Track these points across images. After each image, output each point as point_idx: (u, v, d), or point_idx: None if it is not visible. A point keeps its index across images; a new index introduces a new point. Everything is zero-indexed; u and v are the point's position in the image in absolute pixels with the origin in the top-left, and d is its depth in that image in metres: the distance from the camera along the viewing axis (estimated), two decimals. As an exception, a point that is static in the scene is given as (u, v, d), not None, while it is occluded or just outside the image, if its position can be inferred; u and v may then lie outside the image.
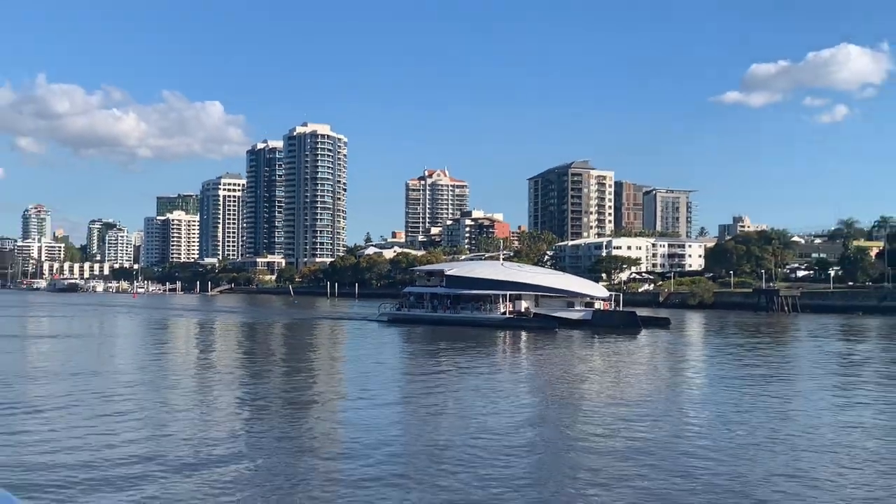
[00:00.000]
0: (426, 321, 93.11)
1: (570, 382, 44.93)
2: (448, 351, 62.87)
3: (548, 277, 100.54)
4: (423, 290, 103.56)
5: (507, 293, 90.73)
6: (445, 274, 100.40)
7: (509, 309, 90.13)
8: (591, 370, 51.81)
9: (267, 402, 36.34)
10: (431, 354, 61.39)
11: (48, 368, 48.98)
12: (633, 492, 20.10)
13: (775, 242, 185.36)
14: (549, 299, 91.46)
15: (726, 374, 47.87)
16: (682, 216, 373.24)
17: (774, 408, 34.24)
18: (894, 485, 21.15)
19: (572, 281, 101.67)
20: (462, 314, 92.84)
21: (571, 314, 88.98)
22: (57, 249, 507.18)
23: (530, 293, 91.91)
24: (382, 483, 20.68)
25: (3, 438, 25.84)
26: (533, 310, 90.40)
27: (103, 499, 18.87)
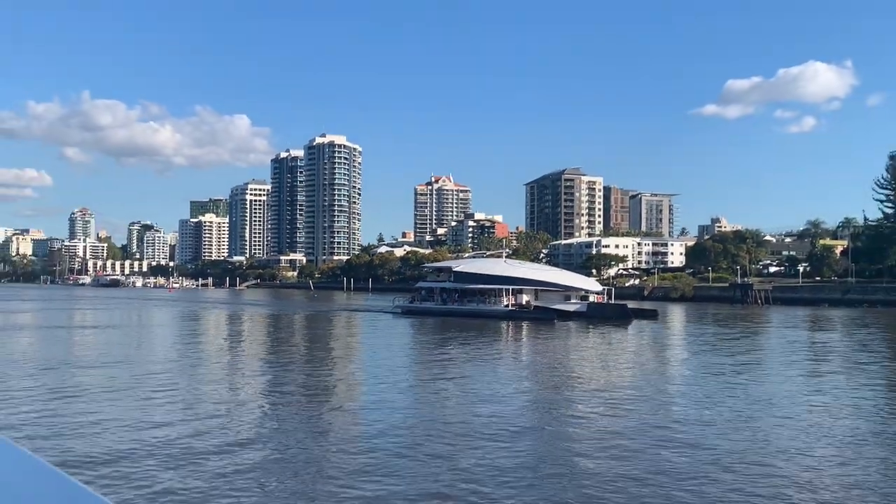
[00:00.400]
0: (436, 313, 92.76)
1: (569, 367, 44.69)
2: (457, 339, 62.70)
3: (546, 273, 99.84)
4: (433, 284, 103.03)
5: (510, 287, 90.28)
6: (453, 270, 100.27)
7: (512, 302, 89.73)
8: (588, 356, 51.65)
9: (293, 385, 36.33)
10: (442, 342, 61.04)
11: (92, 356, 49.05)
12: (631, 464, 20.16)
13: (749, 241, 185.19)
14: (548, 293, 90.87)
15: (711, 359, 47.73)
16: (665, 217, 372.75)
17: (756, 390, 34.09)
18: (861, 458, 21.19)
19: (568, 276, 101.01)
20: (469, 306, 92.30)
21: (568, 307, 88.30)
22: (100, 249, 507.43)
23: (530, 287, 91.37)
24: (397, 456, 20.76)
25: (49, 419, 26.00)
26: (533, 303, 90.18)
27: (139, 474, 18.95)
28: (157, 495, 16.88)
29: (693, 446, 22.11)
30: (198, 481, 18.06)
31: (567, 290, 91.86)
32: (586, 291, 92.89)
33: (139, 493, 16.98)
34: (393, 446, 22.14)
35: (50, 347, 54.71)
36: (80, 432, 23.64)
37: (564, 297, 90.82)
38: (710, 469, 19.43)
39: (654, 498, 16.90)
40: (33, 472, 2.26)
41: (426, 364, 45.01)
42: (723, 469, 19.43)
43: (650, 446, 22.01)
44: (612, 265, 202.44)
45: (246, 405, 30.15)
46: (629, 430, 24.55)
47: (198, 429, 24.53)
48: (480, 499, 16.80)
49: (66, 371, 39.69)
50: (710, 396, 31.88)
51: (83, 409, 27.79)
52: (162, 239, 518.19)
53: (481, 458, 20.60)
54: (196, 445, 22.03)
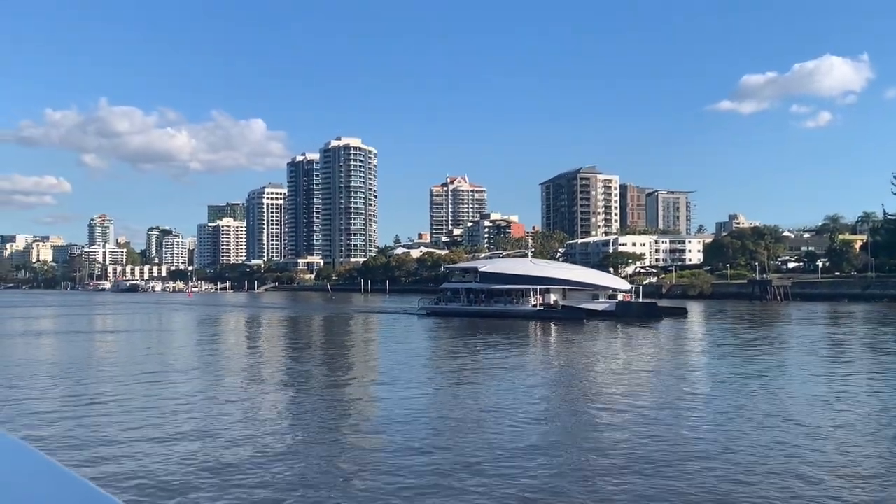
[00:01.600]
0: (462, 314, 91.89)
1: (604, 370, 42.79)
2: (486, 341, 61.17)
3: (574, 272, 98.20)
4: (459, 285, 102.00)
5: (537, 287, 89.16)
6: (479, 270, 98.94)
7: (539, 302, 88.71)
8: (620, 357, 49.92)
9: (323, 390, 36.25)
10: (470, 344, 59.33)
11: (114, 360, 49.68)
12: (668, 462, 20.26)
13: (767, 237, 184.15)
14: (575, 292, 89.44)
15: (751, 360, 45.72)
16: (682, 215, 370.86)
17: (801, 392, 33.41)
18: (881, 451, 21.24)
19: (596, 275, 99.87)
20: (495, 307, 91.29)
21: (596, 306, 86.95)
22: (119, 254, 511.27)
23: (558, 287, 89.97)
24: (419, 452, 21.00)
25: (71, 422, 26.44)
26: (560, 302, 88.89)
27: (162, 470, 19.31)
28: (175, 494, 17.24)
29: (753, 475, 21.29)
30: (219, 490, 18.40)
31: (595, 289, 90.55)
32: (614, 290, 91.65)
33: (161, 496, 17.33)
34: (422, 466, 22.34)
35: (72, 352, 55.37)
36: (102, 437, 24.06)
37: (592, 296, 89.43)
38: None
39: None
40: (48, 474, 2.24)
41: (455, 368, 43.42)
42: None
43: (694, 458, 20.99)
44: (629, 263, 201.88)
45: (268, 404, 30.50)
46: (678, 440, 23.24)
47: (211, 429, 24.90)
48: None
49: (89, 376, 40.26)
50: (756, 404, 29.37)
51: (105, 415, 28.23)
52: (180, 244, 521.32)
53: (524, 474, 20.77)
54: (207, 446, 22.41)
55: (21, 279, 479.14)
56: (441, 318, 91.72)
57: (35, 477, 2.25)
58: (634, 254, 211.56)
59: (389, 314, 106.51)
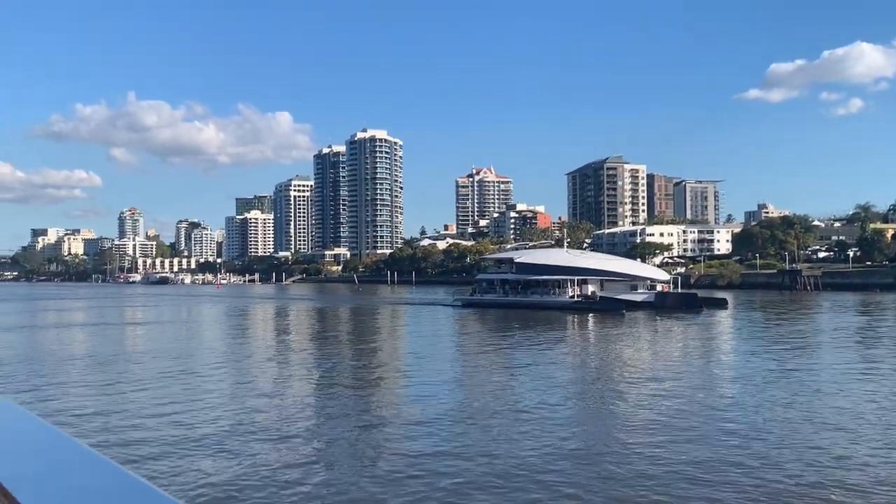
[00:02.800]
0: (498, 305, 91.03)
1: (650, 364, 41.02)
2: (524, 333, 59.14)
3: (611, 262, 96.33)
4: (494, 276, 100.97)
5: (575, 278, 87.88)
6: (515, 261, 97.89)
7: (577, 293, 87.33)
8: (665, 349, 47.82)
9: (358, 380, 36.45)
10: (507, 337, 57.48)
11: (147, 351, 50.30)
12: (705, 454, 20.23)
13: (797, 227, 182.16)
14: (614, 283, 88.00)
15: (800, 354, 44.28)
16: (710, 204, 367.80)
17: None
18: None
19: (634, 265, 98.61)
20: (532, 298, 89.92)
21: (635, 296, 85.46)
22: (149, 247, 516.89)
23: (595, 278, 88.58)
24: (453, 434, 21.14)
25: (104, 410, 26.91)
26: (598, 293, 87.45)
27: (193, 462, 19.58)
28: (210, 487, 17.53)
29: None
30: (252, 478, 18.69)
31: (633, 280, 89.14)
32: (653, 280, 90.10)
33: (195, 486, 17.63)
34: (452, 468, 22.42)
35: (105, 344, 56.25)
36: (138, 425, 24.49)
37: (630, 286, 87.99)
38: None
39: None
40: (98, 468, 2.22)
41: (492, 363, 41.86)
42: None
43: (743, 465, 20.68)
44: (657, 254, 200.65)
45: (303, 395, 30.81)
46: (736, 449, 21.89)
47: (243, 420, 25.25)
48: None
49: (124, 366, 40.94)
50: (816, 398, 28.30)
51: (132, 400, 28.72)
52: (209, 236, 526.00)
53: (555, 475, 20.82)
54: (237, 437, 22.73)
55: (53, 272, 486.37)
56: (477, 309, 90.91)
57: (92, 474, 2.21)
58: (662, 244, 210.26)
59: (424, 305, 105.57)
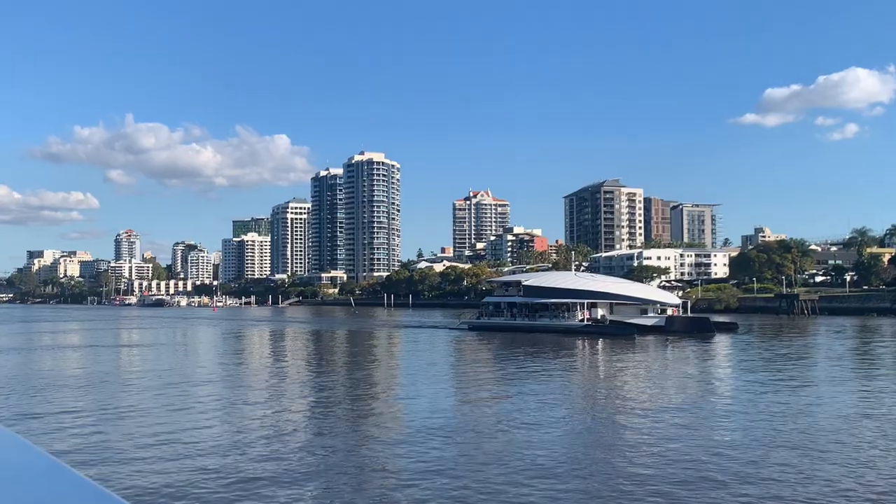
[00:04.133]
0: (505, 329, 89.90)
1: (665, 391, 39.38)
2: (532, 358, 57.76)
3: (621, 286, 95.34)
4: (501, 299, 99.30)
5: (584, 301, 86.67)
6: (523, 284, 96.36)
7: (586, 316, 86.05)
8: (682, 378, 45.76)
9: (362, 406, 36.44)
10: (515, 362, 55.32)
11: (141, 373, 50.14)
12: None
13: (794, 251, 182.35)
14: (623, 306, 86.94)
15: (812, 377, 44.60)
16: (707, 228, 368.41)
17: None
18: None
19: (645, 289, 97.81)
20: (540, 322, 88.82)
21: (645, 320, 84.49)
22: (145, 269, 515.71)
23: (605, 301, 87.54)
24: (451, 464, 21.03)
25: (100, 433, 26.77)
26: (608, 317, 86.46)
27: (190, 483, 19.49)
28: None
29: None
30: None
31: (643, 303, 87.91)
32: (663, 304, 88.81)
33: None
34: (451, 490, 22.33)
35: (99, 366, 56.01)
36: (131, 449, 24.34)
37: (640, 310, 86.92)
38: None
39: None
40: (51, 473, 2.27)
41: (498, 392, 39.67)
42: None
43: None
44: (654, 277, 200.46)
45: (296, 420, 30.68)
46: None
47: (240, 440, 25.11)
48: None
49: (117, 389, 40.77)
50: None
51: (129, 426, 28.57)
52: (206, 258, 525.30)
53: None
54: (234, 458, 22.60)
55: (49, 294, 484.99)
56: (483, 332, 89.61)
57: (40, 476, 2.26)
58: (659, 267, 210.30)
59: (427, 329, 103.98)
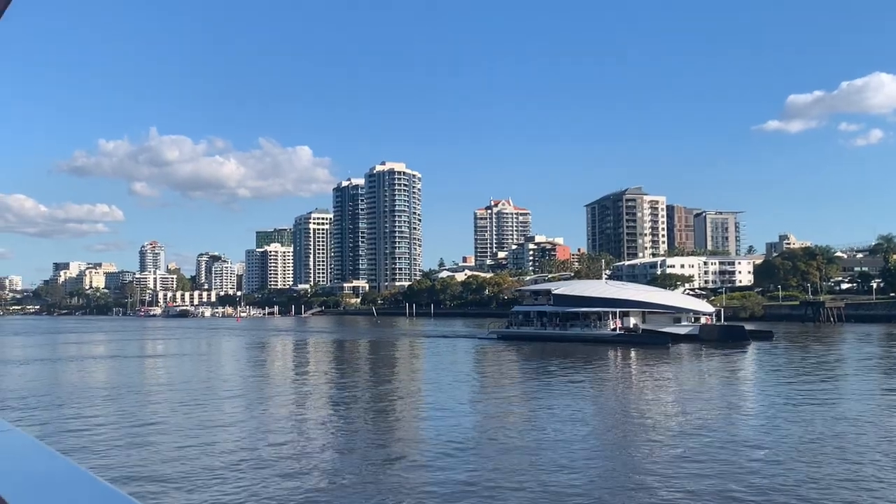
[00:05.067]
0: (535, 338, 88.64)
1: (705, 403, 37.40)
2: (564, 369, 56.27)
3: (653, 294, 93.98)
4: (531, 308, 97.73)
5: (616, 310, 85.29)
6: (553, 293, 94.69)
7: (618, 325, 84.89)
8: (719, 388, 44.43)
9: (389, 417, 36.56)
10: (546, 373, 53.85)
11: (163, 382, 50.57)
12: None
13: (819, 258, 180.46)
14: (656, 315, 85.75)
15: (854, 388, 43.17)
16: (731, 235, 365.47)
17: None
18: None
19: (678, 297, 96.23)
20: (571, 331, 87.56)
21: (678, 329, 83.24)
22: (170, 280, 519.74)
23: (637, 310, 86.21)
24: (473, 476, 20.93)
25: (124, 443, 26.95)
26: (641, 326, 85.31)
27: (211, 494, 19.53)
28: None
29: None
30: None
31: (677, 312, 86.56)
32: (696, 312, 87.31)
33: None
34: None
35: (125, 376, 56.51)
36: (156, 457, 24.47)
37: (674, 318, 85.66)
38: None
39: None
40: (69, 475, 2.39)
41: (531, 406, 37.58)
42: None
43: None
44: (677, 285, 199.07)
45: (320, 429, 30.72)
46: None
47: (262, 451, 25.15)
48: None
49: (143, 400, 41.09)
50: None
51: (155, 437, 28.73)
52: (229, 269, 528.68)
53: None
54: (256, 467, 22.63)
55: (74, 305, 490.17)
56: (512, 342, 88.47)
57: (66, 485, 2.37)
58: (683, 276, 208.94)
59: (454, 338, 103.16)
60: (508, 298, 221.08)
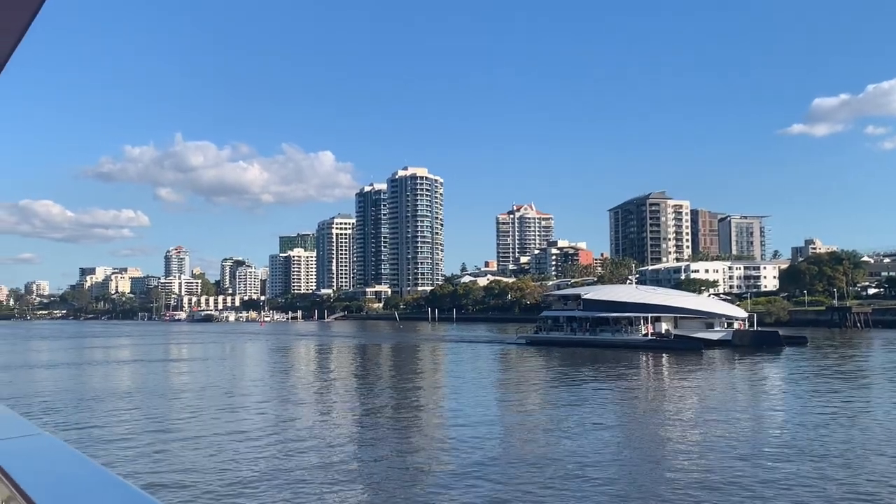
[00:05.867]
0: (564, 343, 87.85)
1: (745, 413, 36.90)
2: (596, 375, 55.48)
3: (685, 299, 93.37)
4: (560, 313, 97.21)
5: (648, 315, 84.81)
6: (582, 297, 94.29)
7: (650, 331, 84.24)
8: (756, 396, 43.58)
9: (418, 425, 36.68)
10: (580, 380, 52.91)
11: (189, 386, 51.03)
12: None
13: (846, 262, 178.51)
14: (688, 320, 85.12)
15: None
16: (756, 240, 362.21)
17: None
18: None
19: (710, 302, 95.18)
20: (601, 336, 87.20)
21: (711, 335, 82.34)
22: (195, 285, 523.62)
23: (669, 315, 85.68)
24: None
25: (152, 445, 27.28)
26: (673, 331, 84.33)
27: (237, 498, 19.73)
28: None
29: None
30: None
31: (709, 317, 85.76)
32: (729, 317, 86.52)
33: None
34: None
35: (151, 379, 57.14)
36: (183, 462, 24.76)
37: (706, 324, 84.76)
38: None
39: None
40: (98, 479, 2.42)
41: (563, 413, 36.82)
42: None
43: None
44: (702, 290, 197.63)
45: (350, 432, 30.90)
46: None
47: (290, 455, 25.34)
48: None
49: (170, 403, 41.54)
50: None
51: (179, 435, 29.05)
52: (253, 274, 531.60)
53: None
54: (281, 471, 22.81)
55: (100, 310, 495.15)
56: (542, 347, 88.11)
57: (95, 489, 2.40)
58: (707, 280, 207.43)
59: (483, 343, 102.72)
60: (531, 304, 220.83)
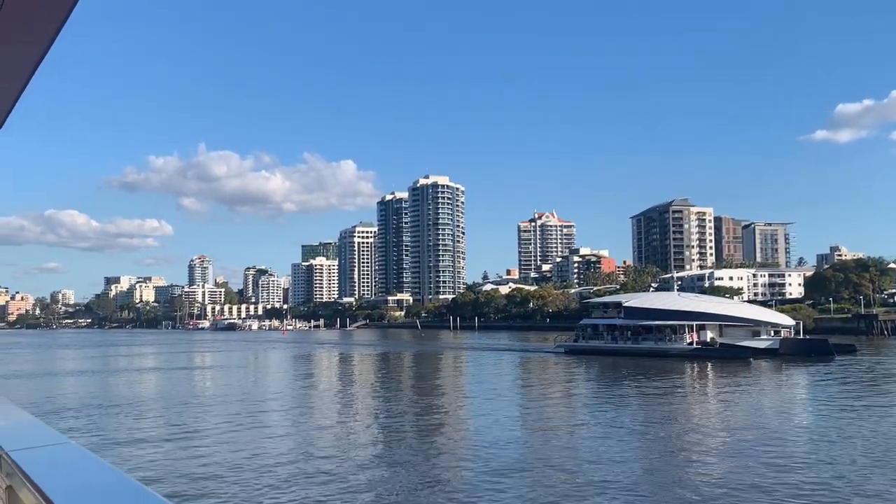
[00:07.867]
0: (605, 352, 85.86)
1: (801, 423, 35.64)
2: (641, 386, 53.22)
3: (730, 306, 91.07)
4: (600, 321, 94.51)
5: (692, 323, 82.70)
6: (624, 305, 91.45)
7: (694, 339, 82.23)
8: (814, 408, 41.56)
9: (456, 439, 36.64)
10: (625, 392, 50.38)
11: (213, 394, 51.39)
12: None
13: (872, 269, 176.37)
14: (734, 328, 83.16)
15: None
16: (780, 247, 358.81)
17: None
18: None
19: (756, 309, 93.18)
20: (644, 345, 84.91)
21: (757, 343, 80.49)
22: (218, 294, 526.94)
23: (714, 323, 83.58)
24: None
25: (176, 452, 27.54)
26: (718, 340, 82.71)
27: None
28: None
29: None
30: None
31: (756, 325, 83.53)
32: (776, 325, 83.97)
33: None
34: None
35: (176, 387, 57.63)
36: (198, 461, 24.97)
37: (752, 332, 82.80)
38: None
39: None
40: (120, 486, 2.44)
41: (610, 429, 34.18)
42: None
43: None
44: (726, 298, 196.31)
45: (372, 439, 31.00)
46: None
47: (312, 462, 25.47)
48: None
49: (194, 411, 41.86)
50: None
51: (204, 447, 29.30)
52: (276, 282, 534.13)
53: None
54: (304, 478, 22.93)
55: (125, 319, 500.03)
56: (581, 357, 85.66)
57: (119, 497, 2.41)
58: (731, 288, 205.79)
59: (517, 352, 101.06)
60: (553, 311, 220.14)
